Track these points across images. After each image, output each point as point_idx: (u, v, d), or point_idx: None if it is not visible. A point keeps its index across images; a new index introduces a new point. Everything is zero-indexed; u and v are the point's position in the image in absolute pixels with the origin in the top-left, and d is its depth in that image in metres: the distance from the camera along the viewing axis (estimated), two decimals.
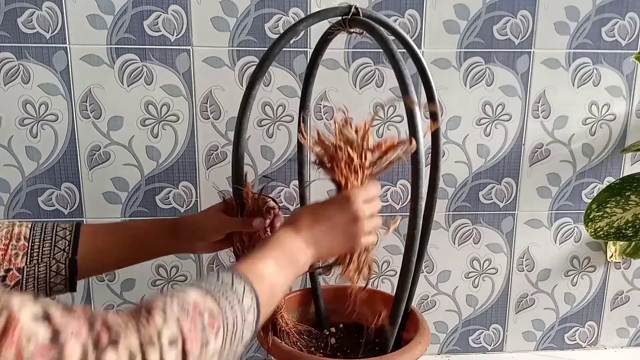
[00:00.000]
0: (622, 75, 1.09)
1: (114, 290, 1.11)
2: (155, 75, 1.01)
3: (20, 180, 1.04)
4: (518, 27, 1.05)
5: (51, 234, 0.74)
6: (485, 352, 1.23)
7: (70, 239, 0.74)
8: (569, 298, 1.21)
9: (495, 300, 1.20)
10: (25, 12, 0.97)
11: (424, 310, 1.19)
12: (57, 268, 0.73)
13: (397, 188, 1.11)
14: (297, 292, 1.02)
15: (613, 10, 1.06)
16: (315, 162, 0.74)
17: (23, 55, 0.98)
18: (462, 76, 1.07)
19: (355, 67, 1.04)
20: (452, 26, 1.04)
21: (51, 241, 0.73)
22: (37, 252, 0.72)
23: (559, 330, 1.23)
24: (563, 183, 1.14)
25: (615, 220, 0.96)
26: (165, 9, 0.99)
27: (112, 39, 0.99)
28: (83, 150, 1.04)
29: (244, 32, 1.01)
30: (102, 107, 1.02)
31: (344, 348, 0.97)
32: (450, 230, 1.14)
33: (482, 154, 1.11)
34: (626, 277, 1.21)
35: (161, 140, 1.04)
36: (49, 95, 1.01)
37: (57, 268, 0.73)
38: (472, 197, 1.13)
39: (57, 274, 0.73)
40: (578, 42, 1.07)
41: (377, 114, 0.83)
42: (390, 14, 1.02)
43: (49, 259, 0.73)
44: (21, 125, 1.01)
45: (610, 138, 1.13)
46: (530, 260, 1.18)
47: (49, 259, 0.73)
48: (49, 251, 0.73)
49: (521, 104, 1.09)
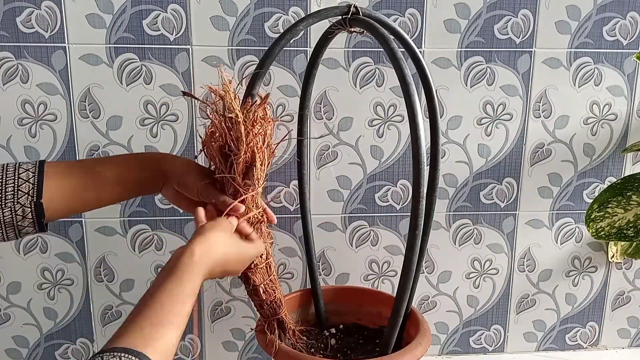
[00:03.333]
0: (624, 75, 1.09)
1: (113, 290, 1.10)
2: (154, 74, 1.01)
3: None
4: (519, 26, 1.05)
5: (13, 176, 0.71)
6: (486, 352, 1.22)
7: (34, 181, 0.71)
8: (570, 298, 1.21)
9: (496, 301, 1.19)
10: (24, 11, 0.96)
11: (425, 310, 1.18)
12: (23, 212, 0.71)
13: (397, 188, 1.11)
14: (297, 293, 1.02)
15: (614, 9, 1.05)
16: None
17: (22, 54, 0.98)
18: (463, 75, 1.06)
19: (356, 66, 1.04)
20: (452, 25, 1.04)
21: (14, 184, 0.71)
22: (0, 197, 0.70)
23: (560, 331, 1.23)
24: (564, 183, 1.14)
25: (617, 221, 0.95)
26: (165, 8, 0.99)
27: (111, 39, 0.99)
28: (82, 150, 1.03)
29: (244, 32, 1.01)
30: (101, 107, 1.02)
31: (344, 349, 0.97)
32: (451, 230, 1.14)
33: (483, 154, 1.11)
34: (627, 277, 1.21)
35: (160, 140, 1.04)
36: (48, 94, 1.00)
37: (23, 212, 0.71)
38: (473, 197, 1.13)
39: (23, 217, 0.71)
40: (579, 41, 1.06)
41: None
42: (390, 13, 1.02)
43: (12, 203, 0.70)
44: (20, 125, 1.01)
45: (611, 138, 1.12)
46: (532, 261, 1.18)
47: (13, 203, 0.70)
48: (12, 195, 0.70)
49: (522, 104, 1.09)
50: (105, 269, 1.09)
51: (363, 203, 1.11)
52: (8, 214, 0.70)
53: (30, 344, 1.12)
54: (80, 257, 1.08)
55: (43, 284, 1.09)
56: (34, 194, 0.71)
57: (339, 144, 1.08)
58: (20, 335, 1.11)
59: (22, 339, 1.11)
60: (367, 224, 1.12)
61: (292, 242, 1.12)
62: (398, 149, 1.09)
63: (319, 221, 1.10)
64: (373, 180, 1.10)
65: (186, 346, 1.15)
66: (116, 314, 1.12)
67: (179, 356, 1.15)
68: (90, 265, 1.09)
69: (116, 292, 1.11)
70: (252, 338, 1.16)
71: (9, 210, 0.70)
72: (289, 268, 1.13)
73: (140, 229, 1.08)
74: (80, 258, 1.08)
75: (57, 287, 1.09)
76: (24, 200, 0.71)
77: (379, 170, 1.10)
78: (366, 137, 1.08)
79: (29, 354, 1.12)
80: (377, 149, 1.08)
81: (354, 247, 1.13)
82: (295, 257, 1.13)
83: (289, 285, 1.14)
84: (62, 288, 1.09)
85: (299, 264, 1.13)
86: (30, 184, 0.71)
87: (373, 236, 1.13)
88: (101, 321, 1.12)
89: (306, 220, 1.00)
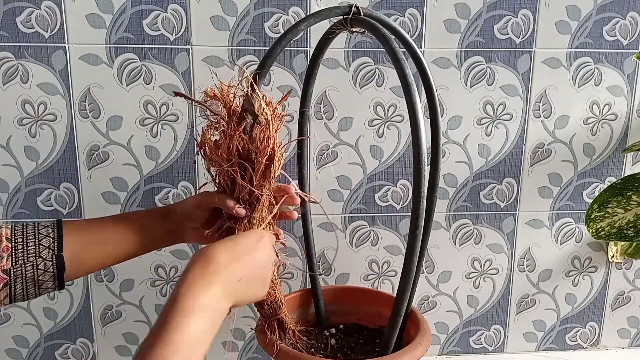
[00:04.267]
0: (624, 75, 1.09)
1: (113, 290, 1.10)
2: (154, 74, 1.01)
3: (19, 180, 1.03)
4: (519, 26, 1.05)
5: (33, 233, 0.73)
6: (486, 352, 1.22)
7: (54, 235, 0.73)
8: (570, 298, 1.21)
9: (496, 301, 1.19)
10: (24, 11, 0.96)
11: (425, 310, 1.18)
12: (45, 266, 0.72)
13: (397, 188, 1.11)
14: (297, 293, 1.02)
15: (614, 9, 1.05)
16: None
17: (22, 54, 0.98)
18: (463, 75, 1.06)
19: (356, 66, 1.04)
20: (452, 25, 1.04)
21: (34, 240, 0.72)
22: (22, 252, 0.71)
23: (560, 331, 1.23)
24: (564, 183, 1.14)
25: (617, 221, 0.95)
26: (165, 8, 0.98)
27: (111, 39, 0.99)
28: (82, 150, 1.03)
29: (244, 32, 1.01)
30: (101, 107, 1.02)
31: (344, 349, 0.97)
32: (451, 230, 1.14)
33: (483, 154, 1.11)
34: (627, 277, 1.21)
35: (160, 140, 1.04)
36: (48, 94, 1.00)
37: (45, 266, 0.72)
38: (473, 197, 1.13)
39: (44, 271, 0.72)
40: (579, 41, 1.06)
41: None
42: (390, 13, 1.02)
43: (35, 258, 0.71)
44: (20, 125, 1.01)
45: (611, 138, 1.12)
46: (532, 261, 1.18)
47: (35, 257, 0.71)
48: (33, 250, 0.71)
49: (522, 104, 1.09)
50: (105, 269, 1.09)
51: (363, 203, 1.11)
52: (30, 269, 0.71)
53: (30, 344, 1.12)
54: None
55: None
56: (54, 247, 0.73)
57: (339, 144, 1.08)
58: (20, 335, 1.11)
59: (22, 339, 1.11)
60: (367, 224, 1.12)
61: (292, 242, 1.12)
62: (398, 149, 1.09)
63: (319, 221, 1.10)
64: (373, 180, 1.10)
65: None
66: (116, 314, 1.12)
67: None
68: None
69: (116, 292, 1.11)
70: (252, 338, 1.16)
71: (31, 264, 0.71)
72: (289, 268, 1.13)
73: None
74: None
75: None
76: (45, 254, 0.72)
77: (379, 170, 1.10)
78: (366, 137, 1.08)
79: (29, 354, 1.12)
80: (377, 149, 1.08)
81: (354, 247, 1.13)
82: (295, 257, 1.13)
83: (289, 285, 1.14)
84: None
85: (299, 264, 1.13)
86: (50, 238, 0.73)
87: (373, 236, 1.13)
88: (101, 321, 1.12)
89: (306, 220, 1.00)
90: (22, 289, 0.72)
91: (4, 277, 0.70)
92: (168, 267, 1.10)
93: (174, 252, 1.09)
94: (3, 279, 0.70)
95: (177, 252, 1.09)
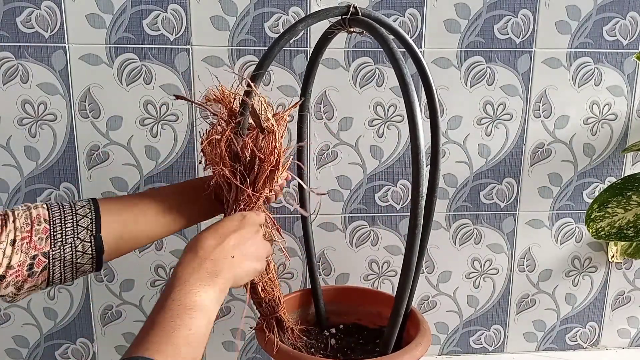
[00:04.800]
0: (624, 75, 1.09)
1: (113, 290, 1.10)
2: (154, 74, 1.01)
3: (19, 180, 1.03)
4: (519, 26, 1.05)
5: (71, 213, 0.70)
6: (486, 352, 1.22)
7: (92, 216, 0.71)
8: (570, 298, 1.21)
9: (496, 301, 1.19)
10: (24, 11, 0.96)
11: (425, 310, 1.18)
12: (83, 247, 0.70)
13: (397, 188, 1.11)
14: (297, 293, 1.02)
15: (614, 9, 1.05)
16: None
17: (22, 54, 0.98)
18: (463, 75, 1.06)
19: (356, 66, 1.04)
20: (452, 25, 1.04)
21: (73, 220, 0.70)
22: (60, 234, 0.68)
23: (560, 331, 1.23)
24: (564, 183, 1.14)
25: (617, 221, 0.95)
26: (165, 8, 0.99)
27: (111, 39, 0.99)
28: (82, 150, 1.03)
29: (244, 32, 1.01)
30: (101, 107, 1.02)
31: (344, 349, 0.97)
32: (451, 230, 1.14)
33: (483, 154, 1.11)
34: (627, 277, 1.21)
35: (160, 140, 1.04)
36: (48, 94, 1.00)
37: (83, 247, 0.70)
38: (473, 197, 1.13)
39: (83, 253, 0.70)
40: (579, 41, 1.06)
41: None
42: (390, 13, 1.02)
43: (73, 240, 0.69)
44: (20, 125, 1.01)
45: (611, 138, 1.12)
46: (532, 261, 1.18)
47: (74, 239, 0.69)
48: (72, 232, 0.69)
49: (522, 104, 1.09)
50: (105, 269, 1.09)
51: (363, 203, 1.11)
52: (68, 251, 0.69)
53: (30, 344, 1.12)
54: None
55: None
56: (92, 228, 0.71)
57: (339, 144, 1.08)
58: (20, 335, 1.11)
59: (22, 339, 1.11)
60: (367, 224, 1.12)
61: (292, 242, 1.12)
62: (398, 149, 1.09)
63: (318, 221, 1.10)
64: (373, 180, 1.10)
65: None
66: (116, 314, 1.12)
67: None
68: None
69: (116, 292, 1.11)
70: (252, 338, 1.16)
71: (69, 246, 0.69)
72: (289, 268, 1.13)
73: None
74: None
75: (57, 287, 1.09)
76: (83, 235, 0.70)
77: (379, 170, 1.10)
78: (366, 137, 1.08)
79: (29, 354, 1.12)
80: (377, 149, 1.08)
81: (354, 247, 1.13)
82: (295, 257, 1.13)
83: (289, 285, 1.14)
84: (62, 288, 1.09)
85: (299, 264, 1.13)
86: (88, 219, 0.71)
87: (373, 236, 1.13)
88: (101, 321, 1.12)
89: (306, 220, 1.00)
90: (60, 272, 0.69)
91: (43, 261, 0.67)
92: (168, 267, 1.10)
93: (174, 252, 1.10)
94: (42, 262, 0.67)
95: (177, 252, 1.09)
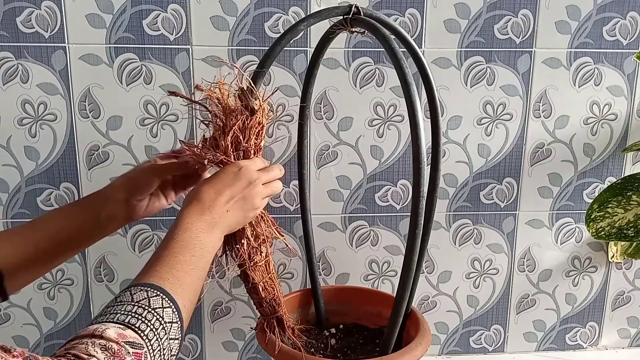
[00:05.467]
0: (624, 75, 1.09)
1: (113, 291, 1.10)
2: (154, 74, 1.01)
3: (19, 180, 1.03)
4: (519, 26, 1.05)
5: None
6: (486, 352, 1.22)
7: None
8: (570, 298, 1.21)
9: (496, 301, 1.19)
10: (24, 11, 0.96)
11: (425, 310, 1.18)
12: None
13: (398, 188, 1.11)
14: (297, 293, 1.02)
15: (614, 9, 1.05)
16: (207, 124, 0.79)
17: (22, 54, 0.98)
18: (463, 75, 1.06)
19: (356, 66, 1.04)
20: (452, 25, 1.04)
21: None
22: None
23: (560, 331, 1.23)
24: (564, 183, 1.14)
25: (617, 221, 0.95)
26: (165, 8, 0.98)
27: (111, 38, 0.99)
28: (82, 150, 1.03)
29: (244, 32, 1.01)
30: (101, 107, 1.02)
31: (344, 349, 0.97)
32: (451, 230, 1.14)
33: (483, 154, 1.11)
34: (627, 277, 1.21)
35: (160, 140, 1.04)
36: (48, 94, 1.00)
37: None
38: (473, 197, 1.13)
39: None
40: (579, 41, 1.06)
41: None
42: (390, 13, 1.02)
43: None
44: (20, 125, 1.01)
45: (611, 138, 1.12)
46: (532, 261, 1.18)
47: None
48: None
49: (522, 104, 1.09)
50: (105, 269, 1.09)
51: (363, 203, 1.11)
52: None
53: (30, 344, 1.12)
54: (80, 257, 1.08)
55: (43, 283, 1.09)
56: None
57: (339, 144, 1.08)
58: (20, 335, 1.11)
59: (22, 339, 1.11)
60: (367, 224, 1.12)
61: (292, 242, 1.12)
62: (398, 149, 1.09)
63: (319, 221, 1.10)
64: (373, 180, 1.10)
65: (186, 346, 1.15)
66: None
67: (179, 356, 1.15)
68: (91, 265, 1.09)
69: (116, 292, 1.10)
70: (252, 338, 1.16)
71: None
72: (289, 268, 1.13)
73: (141, 229, 1.08)
74: (80, 258, 1.08)
75: (57, 287, 1.09)
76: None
77: (379, 170, 1.10)
78: (366, 137, 1.08)
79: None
80: (377, 149, 1.08)
81: (354, 247, 1.13)
82: (295, 257, 1.13)
83: (289, 285, 1.14)
84: (62, 288, 1.09)
85: (299, 264, 1.13)
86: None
87: (373, 236, 1.13)
88: None
89: (306, 220, 1.00)
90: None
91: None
92: None
93: None
94: None
95: None
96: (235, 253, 0.82)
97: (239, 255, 0.81)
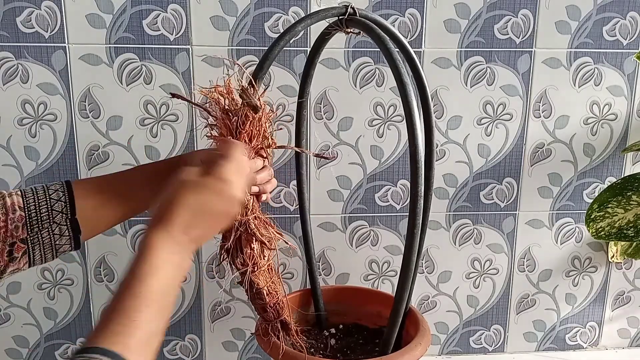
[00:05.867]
0: (624, 75, 1.09)
1: (113, 291, 1.10)
2: (154, 74, 1.01)
3: (19, 180, 1.03)
4: (519, 26, 1.05)
5: (45, 198, 0.72)
6: (486, 352, 1.22)
7: (65, 199, 0.73)
8: (570, 298, 1.21)
9: (496, 301, 1.19)
10: (24, 11, 0.96)
11: (425, 310, 1.18)
12: (60, 230, 0.72)
13: (398, 188, 1.11)
14: (297, 293, 1.02)
15: (614, 9, 1.05)
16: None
17: (22, 54, 0.98)
18: (463, 75, 1.06)
19: (356, 66, 1.04)
20: (452, 25, 1.04)
21: (47, 205, 0.72)
22: (36, 220, 0.71)
23: (560, 331, 1.23)
24: (564, 183, 1.14)
25: (617, 221, 0.95)
26: (165, 8, 0.99)
27: (111, 39, 0.99)
28: (82, 150, 1.03)
29: (244, 32, 1.01)
30: (101, 107, 1.02)
31: (344, 349, 0.97)
32: (451, 230, 1.14)
33: (483, 154, 1.11)
34: (627, 277, 1.21)
35: (160, 140, 1.04)
36: (48, 94, 1.00)
37: (60, 230, 0.72)
38: (473, 197, 1.13)
39: (60, 236, 0.72)
40: (579, 41, 1.06)
41: None
42: (390, 13, 1.02)
43: (49, 224, 0.72)
44: (20, 125, 1.01)
45: (611, 138, 1.12)
46: (532, 261, 1.17)
47: (50, 223, 0.72)
48: (47, 216, 0.72)
49: (522, 104, 1.09)
50: (105, 269, 1.09)
51: (363, 203, 1.11)
52: (46, 235, 0.72)
53: (30, 344, 1.12)
54: (81, 257, 1.08)
55: (43, 284, 1.09)
56: (67, 211, 0.73)
57: (339, 144, 1.08)
58: (20, 335, 1.11)
59: (22, 339, 1.11)
60: (367, 224, 1.12)
61: (292, 242, 1.12)
62: (398, 149, 1.09)
63: (319, 221, 1.10)
64: (373, 180, 1.10)
65: (186, 346, 1.15)
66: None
67: (179, 356, 1.15)
68: (91, 265, 1.09)
69: None
70: (252, 338, 1.16)
71: (47, 231, 0.72)
72: (289, 268, 1.13)
73: (140, 229, 1.08)
74: (80, 258, 1.08)
75: (57, 287, 1.09)
76: (59, 219, 0.72)
77: (379, 170, 1.10)
78: (366, 137, 1.08)
79: (29, 354, 1.12)
80: (377, 149, 1.08)
81: (354, 247, 1.13)
82: (295, 257, 1.13)
83: (289, 285, 1.14)
84: (62, 288, 1.09)
85: (299, 264, 1.13)
86: (62, 202, 0.73)
87: (373, 236, 1.13)
88: None
89: (305, 221, 1.00)
90: (40, 254, 0.72)
91: (22, 247, 0.71)
92: None
93: None
94: (21, 247, 0.71)
95: None
96: (241, 262, 0.80)
97: (244, 263, 0.80)
